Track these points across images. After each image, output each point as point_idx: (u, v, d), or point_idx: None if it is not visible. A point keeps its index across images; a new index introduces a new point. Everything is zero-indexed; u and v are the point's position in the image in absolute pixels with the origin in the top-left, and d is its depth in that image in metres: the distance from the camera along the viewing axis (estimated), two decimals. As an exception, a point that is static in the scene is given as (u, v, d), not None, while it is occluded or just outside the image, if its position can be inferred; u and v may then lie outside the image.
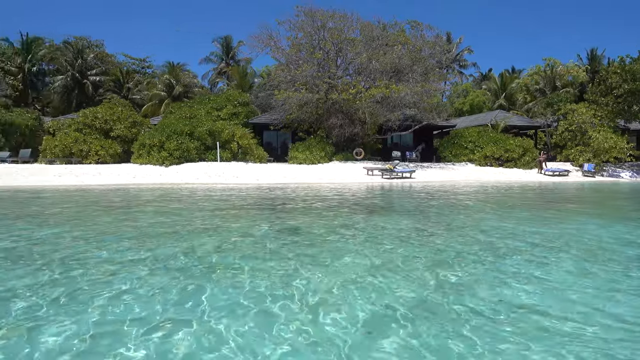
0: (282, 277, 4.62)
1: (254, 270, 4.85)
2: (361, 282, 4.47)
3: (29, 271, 4.78)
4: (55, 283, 4.35)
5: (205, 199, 13.28)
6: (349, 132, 29.36)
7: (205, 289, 4.16)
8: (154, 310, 3.63)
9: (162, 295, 4.00)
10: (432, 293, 4.15)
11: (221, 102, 32.80)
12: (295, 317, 3.53)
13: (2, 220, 8.82)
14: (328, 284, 4.39)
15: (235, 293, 4.07)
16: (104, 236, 7.03)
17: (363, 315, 3.59)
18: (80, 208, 11.24)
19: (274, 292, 4.12)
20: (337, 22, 29.57)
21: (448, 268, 5.05)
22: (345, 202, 12.71)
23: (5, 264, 5.13)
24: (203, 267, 4.99)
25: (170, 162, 25.64)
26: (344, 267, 5.04)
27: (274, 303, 3.82)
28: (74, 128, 28.82)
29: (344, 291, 4.16)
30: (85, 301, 3.82)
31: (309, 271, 4.84)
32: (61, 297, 3.91)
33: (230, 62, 56.70)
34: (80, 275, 4.63)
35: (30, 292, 4.05)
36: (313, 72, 28.67)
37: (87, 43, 55.23)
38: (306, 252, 5.84)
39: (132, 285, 4.25)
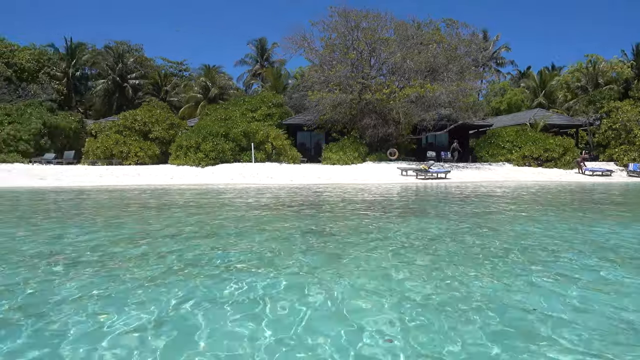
0: (317, 280, 4.64)
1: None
2: (396, 291, 4.43)
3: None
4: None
5: (238, 199, 13.47)
6: (382, 133, 29.18)
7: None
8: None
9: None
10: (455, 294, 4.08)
11: (256, 103, 33.20)
12: (323, 320, 3.54)
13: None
14: (358, 285, 4.39)
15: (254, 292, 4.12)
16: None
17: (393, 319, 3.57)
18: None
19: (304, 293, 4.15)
20: (371, 22, 29.44)
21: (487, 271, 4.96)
22: (379, 202, 12.64)
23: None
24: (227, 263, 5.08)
25: (206, 163, 26.12)
26: (381, 270, 5.01)
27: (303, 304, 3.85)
28: (114, 130, 29.78)
29: (378, 298, 4.14)
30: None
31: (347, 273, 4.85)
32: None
33: (264, 63, 57.29)
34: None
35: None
36: (347, 73, 28.64)
37: (127, 47, 56.84)
38: (341, 253, 5.85)
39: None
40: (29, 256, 5.55)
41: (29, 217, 9.46)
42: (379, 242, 6.61)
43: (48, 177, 20.84)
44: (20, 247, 6.13)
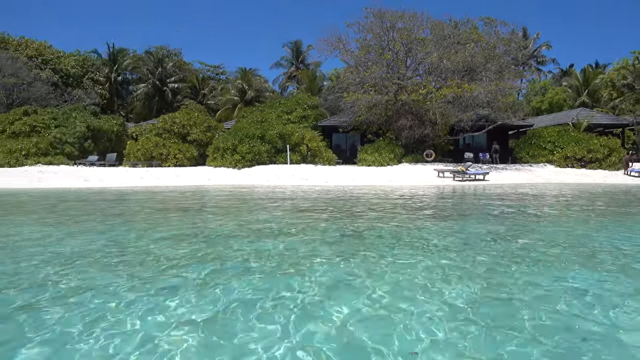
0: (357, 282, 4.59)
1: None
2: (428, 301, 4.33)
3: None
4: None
5: (275, 200, 13.55)
6: (419, 134, 28.82)
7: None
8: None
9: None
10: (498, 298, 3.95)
11: (291, 105, 33.41)
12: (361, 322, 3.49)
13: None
14: (392, 287, 4.31)
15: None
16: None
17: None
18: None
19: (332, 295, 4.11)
20: (407, 22, 29.14)
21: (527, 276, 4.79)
22: (416, 204, 12.47)
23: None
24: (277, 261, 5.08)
25: (242, 164, 26.45)
26: (422, 275, 4.92)
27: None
28: (154, 133, 30.57)
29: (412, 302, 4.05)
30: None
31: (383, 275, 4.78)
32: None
33: (300, 66, 57.64)
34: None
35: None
36: (382, 74, 28.42)
37: (166, 52, 58.32)
38: (378, 254, 5.78)
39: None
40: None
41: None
42: (417, 244, 6.49)
43: (92, 179, 21.54)
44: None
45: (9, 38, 51.46)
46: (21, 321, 3.46)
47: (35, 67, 47.06)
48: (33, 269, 5.01)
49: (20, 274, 4.81)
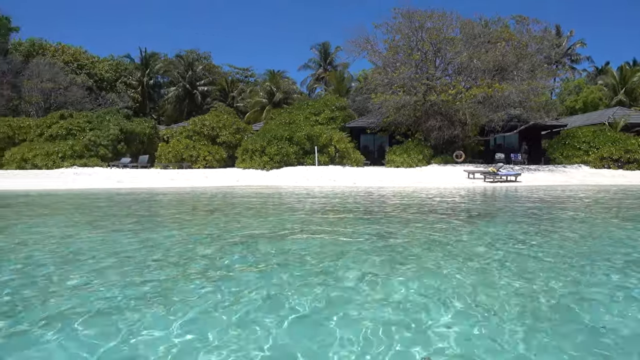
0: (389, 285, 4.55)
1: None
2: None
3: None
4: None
5: (302, 201, 13.59)
6: (448, 134, 28.46)
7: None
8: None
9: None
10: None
11: (319, 107, 33.47)
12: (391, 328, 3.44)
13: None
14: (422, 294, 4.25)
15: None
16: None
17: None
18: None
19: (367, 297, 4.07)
20: (436, 21, 28.82)
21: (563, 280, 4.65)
22: (445, 205, 12.29)
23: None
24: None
25: (271, 166, 26.64)
26: (457, 278, 4.83)
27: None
28: (184, 135, 31.13)
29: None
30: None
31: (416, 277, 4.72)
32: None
33: (327, 67, 57.74)
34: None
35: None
36: (411, 74, 28.18)
37: (196, 56, 59.29)
38: (406, 258, 5.71)
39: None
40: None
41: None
42: (449, 247, 6.39)
43: (125, 180, 22.06)
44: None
45: (47, 44, 53.23)
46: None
47: (71, 72, 48.55)
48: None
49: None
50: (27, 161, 29.30)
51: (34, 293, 4.19)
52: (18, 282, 4.57)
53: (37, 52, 50.34)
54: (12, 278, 4.73)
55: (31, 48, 51.08)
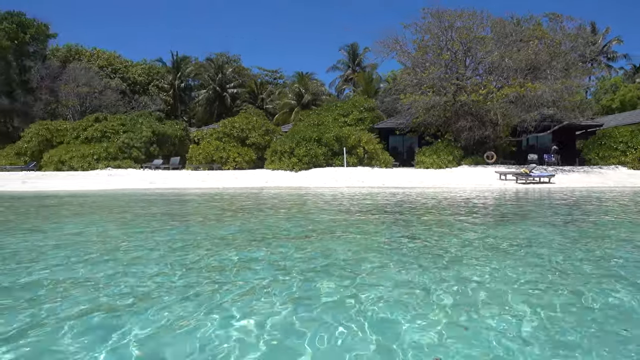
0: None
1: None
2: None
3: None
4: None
5: (331, 202, 13.61)
6: (479, 135, 28.03)
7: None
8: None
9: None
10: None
11: (347, 108, 33.46)
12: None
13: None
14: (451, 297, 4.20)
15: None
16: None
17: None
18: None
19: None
20: (466, 21, 28.43)
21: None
22: (477, 207, 12.12)
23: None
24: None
25: (299, 167, 26.77)
26: (486, 282, 4.77)
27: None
28: (215, 137, 31.60)
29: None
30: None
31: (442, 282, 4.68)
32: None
33: (356, 68, 57.65)
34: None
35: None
36: (440, 74, 27.89)
37: (226, 59, 60.10)
38: (439, 259, 5.67)
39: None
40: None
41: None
42: (481, 249, 6.31)
43: (157, 181, 22.54)
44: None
45: (83, 49, 54.91)
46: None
47: (106, 76, 49.93)
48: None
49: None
50: (64, 163, 30.27)
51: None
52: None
53: (73, 58, 51.96)
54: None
55: (68, 53, 52.77)
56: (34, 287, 4.34)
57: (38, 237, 7.40)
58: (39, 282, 4.53)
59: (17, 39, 42.62)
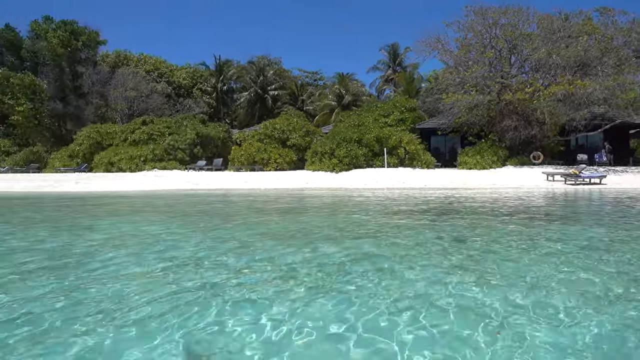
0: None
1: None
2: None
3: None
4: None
5: (372, 203, 13.53)
6: (524, 135, 27.22)
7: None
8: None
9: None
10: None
11: (388, 108, 33.20)
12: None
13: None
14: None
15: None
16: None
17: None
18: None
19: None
20: (511, 17, 27.70)
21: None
22: (525, 209, 11.74)
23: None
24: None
25: (340, 168, 26.75)
26: (538, 288, 4.62)
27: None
28: (256, 138, 32.03)
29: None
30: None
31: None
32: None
33: (397, 68, 57.12)
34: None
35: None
36: (484, 73, 27.28)
37: (267, 61, 60.82)
38: (485, 263, 5.53)
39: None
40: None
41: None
42: (530, 253, 6.11)
43: (200, 183, 23.06)
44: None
45: (131, 55, 56.90)
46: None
47: (152, 81, 51.49)
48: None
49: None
50: (113, 164, 31.46)
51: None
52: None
53: (122, 63, 53.91)
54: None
55: (117, 59, 54.79)
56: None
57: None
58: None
59: (70, 47, 44.63)
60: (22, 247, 6.75)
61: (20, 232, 8.45)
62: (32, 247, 6.71)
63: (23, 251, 6.38)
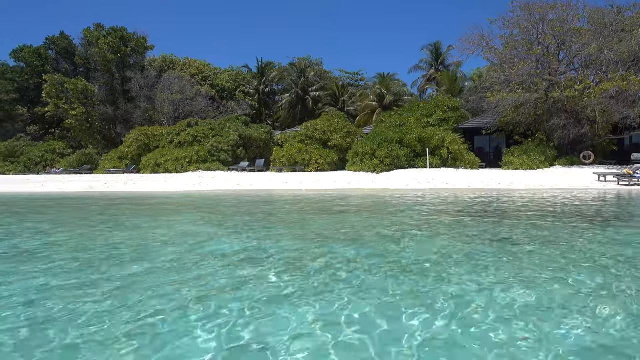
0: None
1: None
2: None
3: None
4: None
5: (415, 204, 13.37)
6: (574, 134, 26.22)
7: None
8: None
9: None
10: None
11: (430, 108, 32.66)
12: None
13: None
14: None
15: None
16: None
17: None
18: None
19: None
20: (559, 12, 26.72)
21: None
22: (574, 210, 11.32)
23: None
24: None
25: (381, 169, 26.56)
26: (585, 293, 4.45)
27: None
28: (297, 140, 32.27)
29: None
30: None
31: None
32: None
33: (439, 67, 56.18)
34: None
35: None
36: (531, 70, 26.44)
37: (308, 63, 61.13)
38: (533, 266, 5.38)
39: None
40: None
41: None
42: (581, 256, 5.89)
43: (243, 183, 23.43)
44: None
45: (176, 59, 58.53)
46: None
47: (197, 84, 52.74)
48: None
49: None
50: (159, 166, 32.44)
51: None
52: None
53: (168, 67, 55.51)
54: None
55: (163, 63, 56.48)
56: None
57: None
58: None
59: (120, 52, 46.42)
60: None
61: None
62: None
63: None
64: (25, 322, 3.53)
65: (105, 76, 47.74)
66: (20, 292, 4.34)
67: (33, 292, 4.34)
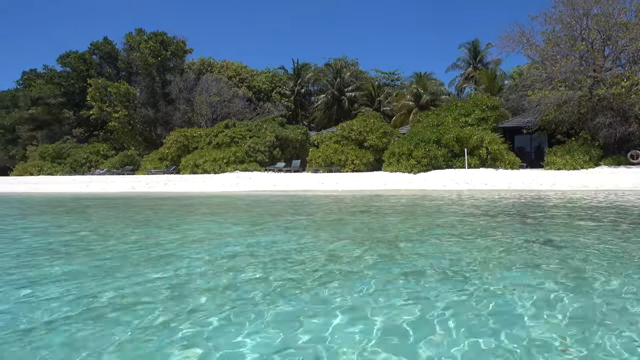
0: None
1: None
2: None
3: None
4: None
5: (453, 205, 13.17)
6: (620, 132, 25.24)
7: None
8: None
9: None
10: None
11: (468, 107, 32.09)
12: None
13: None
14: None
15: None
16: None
17: None
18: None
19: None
20: (604, 6, 25.75)
21: None
22: (622, 212, 10.90)
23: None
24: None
25: (418, 169, 26.30)
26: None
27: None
28: (333, 140, 32.33)
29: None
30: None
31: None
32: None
33: (477, 66, 55.12)
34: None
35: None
36: (574, 67, 25.60)
37: (344, 63, 61.14)
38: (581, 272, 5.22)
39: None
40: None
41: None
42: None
43: (279, 184, 23.68)
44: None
45: (214, 62, 59.67)
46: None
47: (234, 86, 53.61)
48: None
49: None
50: (198, 166, 33.15)
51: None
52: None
53: (206, 70, 56.66)
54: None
55: (201, 66, 57.68)
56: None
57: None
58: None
59: (160, 56, 47.70)
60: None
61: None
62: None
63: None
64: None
65: (146, 79, 49.16)
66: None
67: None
